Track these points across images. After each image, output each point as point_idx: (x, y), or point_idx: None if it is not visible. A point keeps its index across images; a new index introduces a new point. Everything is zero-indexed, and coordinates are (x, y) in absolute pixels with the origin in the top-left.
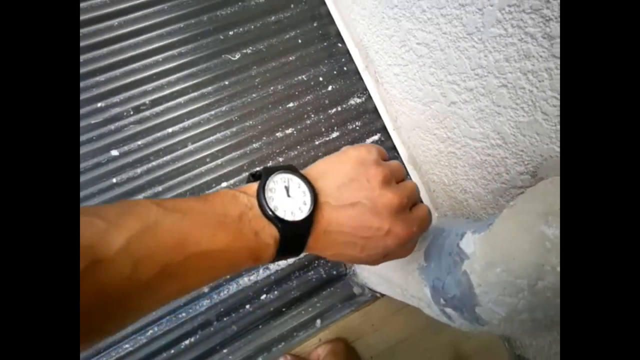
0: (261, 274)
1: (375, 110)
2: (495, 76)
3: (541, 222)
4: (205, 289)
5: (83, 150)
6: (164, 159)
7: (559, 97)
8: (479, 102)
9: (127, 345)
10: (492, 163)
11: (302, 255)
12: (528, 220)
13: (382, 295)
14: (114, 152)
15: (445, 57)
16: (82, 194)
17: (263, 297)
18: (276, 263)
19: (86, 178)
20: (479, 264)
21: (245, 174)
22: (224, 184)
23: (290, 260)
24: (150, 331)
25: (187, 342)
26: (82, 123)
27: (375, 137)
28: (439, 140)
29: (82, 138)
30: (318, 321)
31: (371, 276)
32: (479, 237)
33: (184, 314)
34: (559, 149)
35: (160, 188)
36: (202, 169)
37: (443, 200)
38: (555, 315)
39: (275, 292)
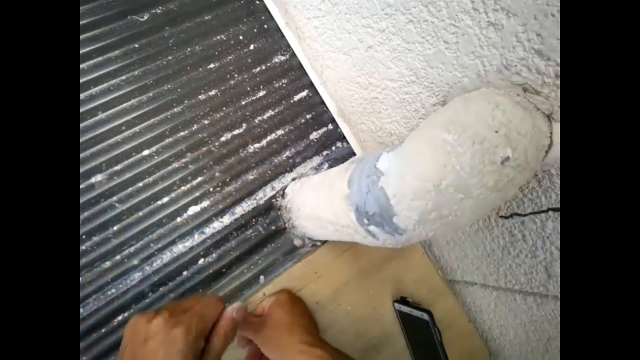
0: (196, 239)
1: (300, 66)
2: (402, 13)
3: (443, 131)
4: (135, 261)
5: None
6: None
7: (456, 24)
8: (392, 42)
9: None
10: (409, 100)
11: (238, 214)
12: (431, 132)
13: (323, 243)
14: None
15: (357, 1)
16: None
17: (201, 261)
18: (211, 225)
19: None
20: (393, 177)
21: (169, 140)
22: (145, 152)
23: (226, 221)
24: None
25: (119, 317)
26: None
27: (303, 94)
28: (362, 87)
29: None
30: (262, 277)
31: (307, 223)
32: (392, 154)
33: (113, 290)
34: (461, 75)
35: None
36: (118, 137)
37: (373, 148)
38: (458, 209)
39: (214, 255)
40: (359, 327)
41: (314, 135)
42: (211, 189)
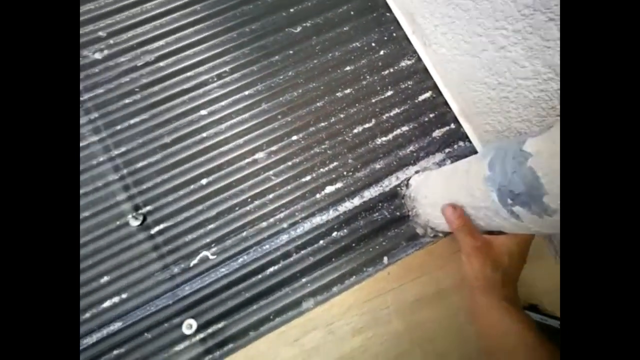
0: (331, 214)
1: (425, 70)
2: (542, 12)
3: None
4: (284, 225)
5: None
6: (243, 116)
7: None
8: (528, 41)
9: (223, 269)
10: (545, 98)
11: (366, 197)
12: None
13: (445, 235)
14: (203, 112)
15: (491, 5)
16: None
17: (334, 234)
18: (343, 204)
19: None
20: (544, 157)
21: (312, 129)
22: (294, 137)
23: (356, 202)
24: (241, 259)
25: (271, 269)
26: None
27: (427, 94)
28: (490, 88)
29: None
30: (385, 258)
31: (433, 211)
32: (540, 138)
33: (267, 246)
34: None
35: (242, 141)
36: (275, 124)
37: None
38: None
39: (345, 230)
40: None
41: (437, 133)
42: (345, 173)
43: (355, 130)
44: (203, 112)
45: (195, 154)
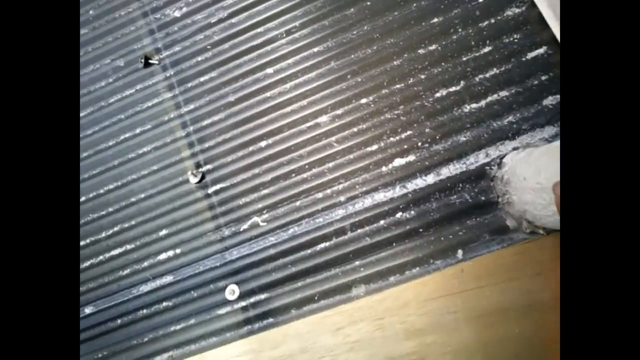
0: (397, 191)
1: (540, 18)
2: None
3: None
4: (342, 198)
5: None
6: (309, 75)
7: None
8: None
9: (272, 238)
10: None
11: (443, 175)
12: None
13: (548, 233)
14: (269, 70)
15: None
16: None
17: (399, 215)
18: (414, 181)
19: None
20: None
21: (385, 91)
22: (363, 100)
23: (430, 180)
24: (292, 230)
25: (322, 245)
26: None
27: (541, 51)
28: None
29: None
30: (460, 252)
31: (537, 199)
32: None
33: (320, 219)
34: None
35: (305, 102)
36: (344, 84)
37: None
38: None
39: (412, 212)
40: None
41: (549, 101)
42: (419, 144)
43: (438, 94)
44: (269, 70)
45: (257, 115)
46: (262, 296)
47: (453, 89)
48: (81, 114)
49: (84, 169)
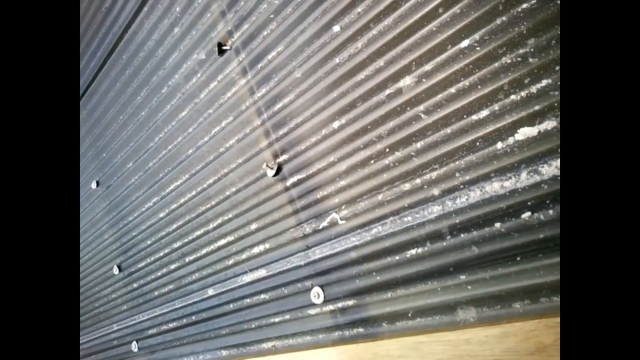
0: (523, 178)
1: None
2: None
3: None
4: (435, 191)
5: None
6: (384, 23)
7: None
8: None
9: (353, 239)
10: None
11: None
12: None
13: None
14: (336, 28)
15: None
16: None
17: (526, 215)
18: (552, 163)
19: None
20: None
21: (501, 19)
22: (464, 43)
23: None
24: (375, 229)
25: (413, 251)
26: None
27: None
28: None
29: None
30: None
31: None
32: None
33: (409, 218)
34: None
35: (382, 61)
36: (433, 25)
37: None
38: None
39: (551, 212)
40: None
41: None
42: (556, 104)
43: None
44: (336, 27)
45: (326, 89)
46: (349, 302)
47: None
48: (181, 114)
49: (187, 167)
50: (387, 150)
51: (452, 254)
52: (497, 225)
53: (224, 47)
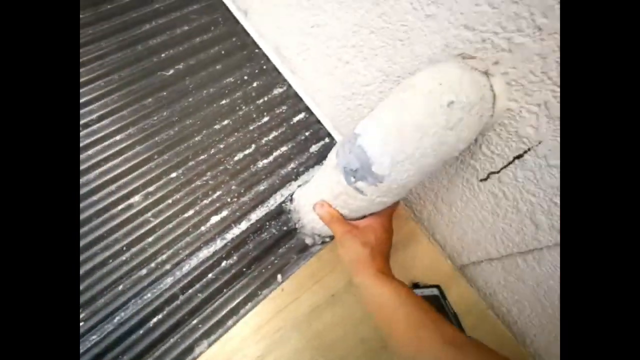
0: (218, 244)
1: (296, 94)
2: (365, 27)
3: (400, 92)
4: (168, 266)
5: None
6: (114, 162)
7: (404, 24)
8: (362, 53)
9: (93, 337)
10: (383, 98)
11: (253, 219)
12: (392, 97)
13: (331, 239)
14: None
15: (331, 29)
16: None
17: (223, 263)
18: (230, 232)
19: None
20: (367, 134)
21: (191, 163)
22: (173, 174)
23: (243, 227)
24: (117, 317)
25: (154, 319)
26: None
27: (301, 116)
28: (347, 99)
29: None
30: (279, 276)
31: (314, 217)
32: (366, 120)
33: (149, 295)
34: (418, 63)
35: (114, 187)
36: (152, 164)
37: None
38: (419, 147)
39: (234, 257)
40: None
41: (314, 148)
42: (229, 200)
43: (236, 158)
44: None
45: None
46: None
47: (247, 151)
48: None
49: None
50: (124, 248)
51: (185, 307)
52: (209, 275)
53: None
